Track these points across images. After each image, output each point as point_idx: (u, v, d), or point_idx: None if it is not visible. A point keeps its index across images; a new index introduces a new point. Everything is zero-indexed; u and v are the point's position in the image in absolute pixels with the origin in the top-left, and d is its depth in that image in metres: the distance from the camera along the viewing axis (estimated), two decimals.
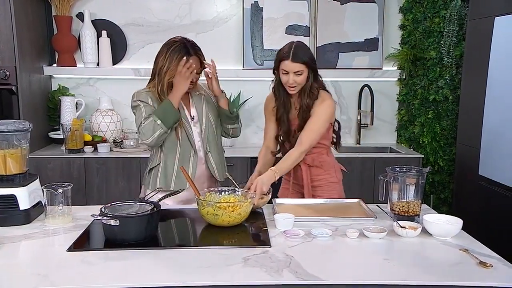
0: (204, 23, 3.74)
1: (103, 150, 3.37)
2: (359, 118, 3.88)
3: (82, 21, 3.60)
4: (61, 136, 3.40)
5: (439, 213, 3.63)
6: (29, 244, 1.67)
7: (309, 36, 3.74)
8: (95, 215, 1.65)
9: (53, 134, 3.58)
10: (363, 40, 3.79)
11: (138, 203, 1.79)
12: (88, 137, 3.45)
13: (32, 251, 1.64)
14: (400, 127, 3.92)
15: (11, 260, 1.54)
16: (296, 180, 2.37)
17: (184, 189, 2.13)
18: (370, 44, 3.80)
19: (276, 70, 2.22)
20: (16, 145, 1.84)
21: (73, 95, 3.67)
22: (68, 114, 3.52)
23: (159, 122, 2.07)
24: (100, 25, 3.65)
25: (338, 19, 3.75)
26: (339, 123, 2.41)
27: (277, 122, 2.32)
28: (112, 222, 1.62)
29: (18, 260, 1.56)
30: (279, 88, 2.26)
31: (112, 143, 3.47)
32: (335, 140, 2.39)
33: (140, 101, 2.17)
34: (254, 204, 1.92)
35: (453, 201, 3.59)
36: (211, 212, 1.78)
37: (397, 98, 3.91)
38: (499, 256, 1.61)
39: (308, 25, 3.75)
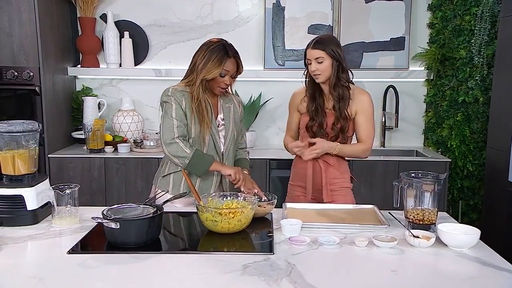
0: (225, 23, 3.71)
1: (123, 150, 3.39)
2: (383, 120, 3.76)
3: (106, 22, 3.64)
4: (83, 136, 3.44)
5: (468, 220, 3.55)
6: (32, 245, 1.67)
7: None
8: (96, 217, 1.63)
9: (76, 134, 3.63)
10: (389, 40, 3.67)
11: (141, 206, 1.77)
12: (109, 137, 3.48)
13: (33, 253, 1.64)
14: (428, 130, 3.77)
15: (10, 261, 1.53)
16: (314, 185, 2.33)
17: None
18: (396, 44, 3.67)
19: (306, 63, 2.31)
20: (24, 146, 1.85)
21: (96, 96, 3.72)
22: (90, 114, 3.56)
23: (187, 161, 2.06)
24: (123, 26, 3.67)
25: (362, 18, 3.65)
26: None
27: (309, 114, 2.32)
28: (113, 225, 1.60)
29: (17, 261, 1.55)
30: (310, 79, 2.32)
31: (132, 143, 3.49)
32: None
33: (174, 98, 2.10)
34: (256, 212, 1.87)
35: (483, 208, 3.42)
36: (210, 218, 1.73)
37: (425, 99, 3.77)
38: None
39: (331, 24, 3.66)
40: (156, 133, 3.52)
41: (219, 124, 2.21)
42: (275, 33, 3.67)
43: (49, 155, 3.30)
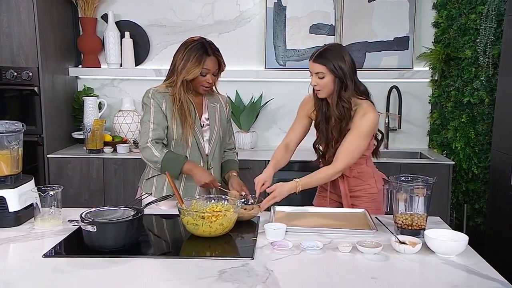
0: (226, 23, 3.68)
1: (122, 150, 3.38)
2: (387, 121, 3.67)
3: (107, 22, 3.63)
4: (83, 137, 3.44)
5: (473, 224, 3.44)
6: (9, 248, 1.66)
7: (335, 35, 3.59)
8: (73, 220, 1.61)
9: (76, 134, 3.64)
10: (392, 39, 3.59)
11: (122, 209, 1.74)
12: (109, 138, 3.47)
13: (9, 256, 1.62)
14: (432, 131, 3.68)
15: None
16: (334, 190, 2.24)
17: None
18: (400, 43, 3.59)
19: None
20: (6, 147, 1.84)
21: (96, 96, 3.72)
22: (91, 114, 3.56)
23: (159, 165, 2.04)
24: (123, 26, 3.67)
25: (365, 17, 3.57)
26: (382, 133, 2.26)
27: (316, 129, 2.19)
28: (90, 228, 1.58)
29: None
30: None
31: (132, 144, 3.48)
32: (374, 148, 2.23)
33: (154, 101, 2.08)
34: (240, 215, 1.83)
35: (488, 212, 3.32)
36: (191, 221, 1.70)
37: (429, 100, 3.68)
38: (506, 281, 1.42)
39: (333, 24, 3.59)
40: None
41: (203, 125, 2.17)
42: (276, 33, 3.62)
43: (48, 155, 3.30)
